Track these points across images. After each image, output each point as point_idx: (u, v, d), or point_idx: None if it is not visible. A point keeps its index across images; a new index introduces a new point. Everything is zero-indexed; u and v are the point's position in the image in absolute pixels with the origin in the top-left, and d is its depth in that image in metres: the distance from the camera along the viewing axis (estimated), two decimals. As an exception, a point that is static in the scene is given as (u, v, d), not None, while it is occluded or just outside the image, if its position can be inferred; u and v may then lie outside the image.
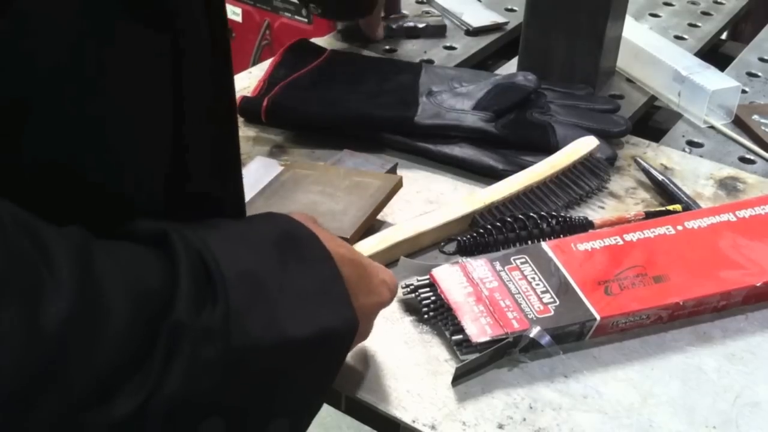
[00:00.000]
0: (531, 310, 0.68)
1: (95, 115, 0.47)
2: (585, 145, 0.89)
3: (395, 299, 0.73)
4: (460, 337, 0.67)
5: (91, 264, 0.43)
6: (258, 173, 0.89)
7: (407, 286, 0.72)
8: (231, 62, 0.57)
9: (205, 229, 0.50)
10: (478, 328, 0.67)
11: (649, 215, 0.82)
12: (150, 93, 0.50)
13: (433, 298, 0.70)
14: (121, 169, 0.50)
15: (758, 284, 0.73)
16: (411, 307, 0.72)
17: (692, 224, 0.78)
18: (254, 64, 2.19)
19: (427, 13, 1.28)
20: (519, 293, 0.70)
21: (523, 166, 0.87)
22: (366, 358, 0.68)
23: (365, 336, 0.63)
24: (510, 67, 1.16)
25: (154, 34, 0.48)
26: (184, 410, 0.45)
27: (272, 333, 0.49)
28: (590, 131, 0.92)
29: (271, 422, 0.52)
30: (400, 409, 0.64)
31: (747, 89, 1.12)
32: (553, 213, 0.81)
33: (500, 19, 1.27)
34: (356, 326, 0.55)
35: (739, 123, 1.04)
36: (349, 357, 0.67)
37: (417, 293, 0.71)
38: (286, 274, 0.51)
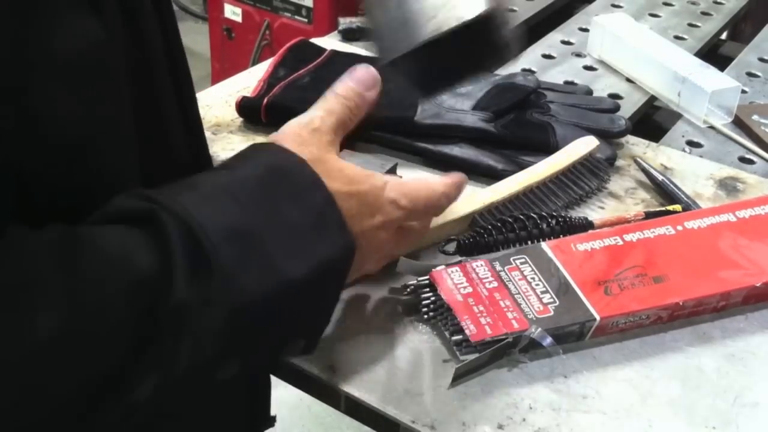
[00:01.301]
0: (531, 311, 0.68)
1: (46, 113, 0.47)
2: (585, 145, 0.89)
3: (395, 300, 0.73)
4: (460, 337, 0.67)
5: (76, 264, 0.43)
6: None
7: (407, 286, 0.72)
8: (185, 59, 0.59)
9: (186, 191, 0.50)
10: (478, 329, 0.67)
11: (649, 215, 0.82)
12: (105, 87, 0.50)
13: (432, 298, 0.70)
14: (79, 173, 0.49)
15: (758, 284, 0.73)
16: (411, 308, 0.72)
17: (692, 224, 0.78)
18: (254, 64, 2.19)
19: (427, 13, 1.28)
20: (519, 293, 0.70)
21: (522, 166, 0.87)
22: (366, 359, 0.68)
23: (379, 259, 0.64)
24: (510, 67, 1.16)
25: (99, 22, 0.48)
26: (199, 372, 0.47)
27: (270, 281, 0.50)
28: (590, 131, 0.92)
29: (285, 347, 0.55)
30: (400, 409, 0.64)
31: (747, 89, 1.12)
32: (553, 213, 0.81)
33: (500, 19, 1.27)
34: (353, 250, 0.55)
35: (739, 123, 1.04)
36: (350, 357, 0.67)
37: (417, 293, 0.71)
38: (276, 214, 0.51)
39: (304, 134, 0.57)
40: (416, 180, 0.64)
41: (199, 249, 0.47)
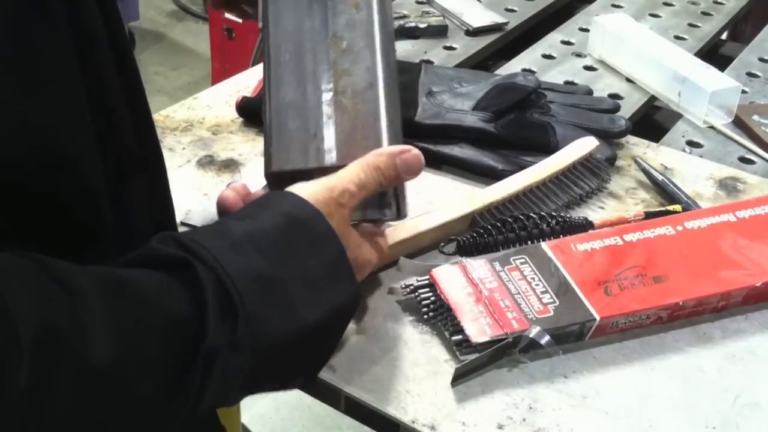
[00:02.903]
0: (531, 311, 0.68)
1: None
2: (585, 145, 0.89)
3: (395, 300, 0.73)
4: (460, 337, 0.67)
5: (121, 303, 0.47)
6: (258, 174, 0.89)
7: (407, 286, 0.72)
8: (132, 55, 0.63)
9: (215, 239, 0.54)
10: (478, 329, 0.67)
11: (649, 215, 0.82)
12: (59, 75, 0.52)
13: (432, 298, 0.70)
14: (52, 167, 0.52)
15: (758, 284, 0.73)
16: (411, 308, 0.72)
17: (692, 224, 0.78)
18: (254, 64, 2.19)
19: (428, 13, 1.28)
20: (519, 293, 0.70)
21: (522, 166, 0.87)
22: (366, 359, 0.68)
23: None
24: (510, 67, 1.16)
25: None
26: (216, 402, 0.52)
27: (289, 327, 0.54)
28: (590, 131, 0.92)
29: (289, 381, 0.61)
30: (400, 409, 0.64)
31: (747, 89, 1.12)
32: (553, 213, 0.81)
33: (500, 19, 1.27)
34: (359, 297, 0.60)
35: (739, 123, 1.04)
36: (350, 357, 0.67)
37: (417, 293, 0.71)
38: (296, 262, 0.56)
39: (331, 207, 0.60)
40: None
41: (228, 296, 0.51)
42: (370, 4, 0.71)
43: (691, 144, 1.01)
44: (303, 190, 0.61)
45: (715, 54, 1.32)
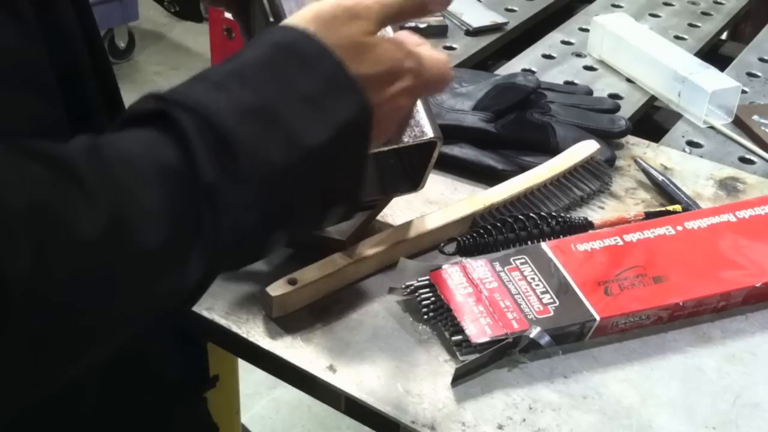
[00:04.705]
0: (531, 311, 0.68)
1: None
2: (586, 148, 0.89)
3: (395, 300, 0.73)
4: (460, 337, 0.67)
5: (104, 165, 0.46)
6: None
7: (407, 286, 0.72)
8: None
9: (196, 84, 0.52)
10: (478, 329, 0.67)
11: (649, 215, 0.82)
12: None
13: (432, 298, 0.70)
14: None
15: (758, 285, 0.73)
16: (411, 308, 0.72)
17: (692, 225, 0.78)
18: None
19: (427, 13, 1.28)
20: (519, 294, 0.70)
21: (523, 167, 0.87)
22: (366, 359, 0.68)
23: (399, 125, 0.62)
24: (510, 67, 1.16)
25: None
26: (247, 243, 0.52)
27: (293, 150, 0.52)
28: (590, 131, 0.92)
29: (323, 212, 0.58)
30: (400, 409, 0.64)
31: (747, 89, 1.12)
32: (553, 213, 0.81)
33: (500, 19, 1.27)
34: (371, 107, 0.55)
35: (739, 123, 1.04)
36: (350, 357, 0.67)
37: (417, 294, 0.71)
38: (288, 86, 0.53)
39: (336, 23, 0.56)
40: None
41: (218, 134, 0.49)
42: None
43: (691, 144, 1.01)
44: (304, 10, 0.57)
45: (715, 54, 1.32)
